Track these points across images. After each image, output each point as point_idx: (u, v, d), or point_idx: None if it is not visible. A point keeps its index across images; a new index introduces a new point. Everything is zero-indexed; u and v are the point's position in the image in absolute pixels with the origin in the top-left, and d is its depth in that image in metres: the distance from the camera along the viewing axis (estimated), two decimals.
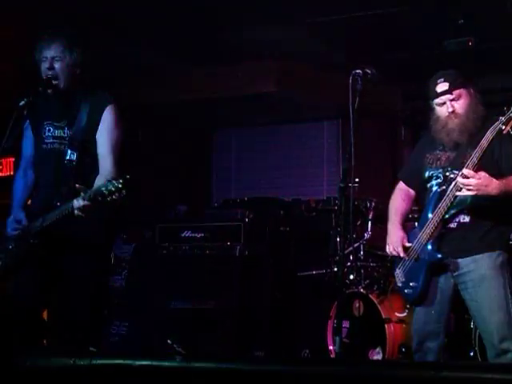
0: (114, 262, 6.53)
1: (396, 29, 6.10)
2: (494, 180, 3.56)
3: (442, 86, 3.78)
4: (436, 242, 3.76)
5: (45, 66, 3.77)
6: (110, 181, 3.45)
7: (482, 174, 3.55)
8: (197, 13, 5.83)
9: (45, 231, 3.73)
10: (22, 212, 3.85)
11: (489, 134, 3.58)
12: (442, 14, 5.75)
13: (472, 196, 3.62)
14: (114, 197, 3.43)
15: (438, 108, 3.82)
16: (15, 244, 3.81)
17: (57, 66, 3.76)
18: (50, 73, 3.75)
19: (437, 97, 3.80)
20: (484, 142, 3.58)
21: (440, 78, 3.80)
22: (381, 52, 6.54)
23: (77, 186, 3.54)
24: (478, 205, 3.68)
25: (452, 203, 3.69)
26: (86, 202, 3.49)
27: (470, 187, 3.55)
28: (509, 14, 5.62)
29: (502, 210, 3.77)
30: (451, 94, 3.77)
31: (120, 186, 3.42)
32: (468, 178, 3.54)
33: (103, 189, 3.44)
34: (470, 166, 3.58)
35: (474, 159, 3.59)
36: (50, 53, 3.75)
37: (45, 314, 6.06)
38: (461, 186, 3.58)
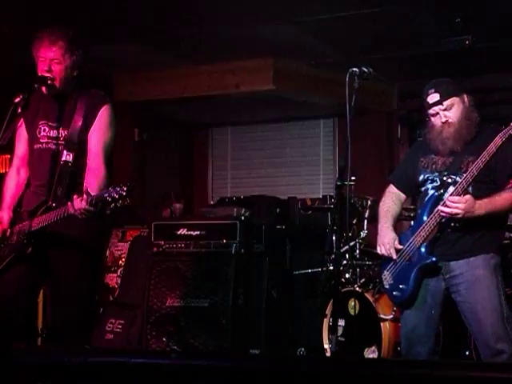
0: (109, 259, 6.54)
1: (393, 28, 6.10)
2: (479, 202, 3.58)
3: (432, 97, 3.76)
4: (430, 245, 3.75)
5: (42, 66, 3.74)
6: (113, 187, 3.43)
7: (468, 197, 3.57)
8: (195, 10, 5.82)
9: (39, 231, 3.71)
10: (8, 213, 3.83)
11: (498, 140, 3.55)
12: (439, 12, 5.75)
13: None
14: (117, 204, 3.42)
15: (431, 117, 3.82)
16: (7, 242, 3.79)
17: (55, 68, 3.73)
18: (47, 75, 3.73)
19: (429, 108, 3.79)
20: (493, 147, 3.56)
21: (431, 88, 3.78)
22: (378, 50, 6.54)
23: (86, 188, 3.51)
24: None
25: None
26: (87, 207, 3.47)
27: (457, 211, 3.57)
28: (506, 13, 5.62)
29: (496, 215, 3.77)
30: (442, 104, 3.76)
31: (124, 193, 3.39)
32: (454, 203, 3.56)
33: (106, 195, 3.42)
34: (474, 170, 3.57)
35: (480, 164, 3.58)
36: (49, 54, 3.72)
37: (39, 316, 6.11)
38: (447, 214, 3.60)
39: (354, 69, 3.77)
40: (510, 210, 3.78)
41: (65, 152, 3.77)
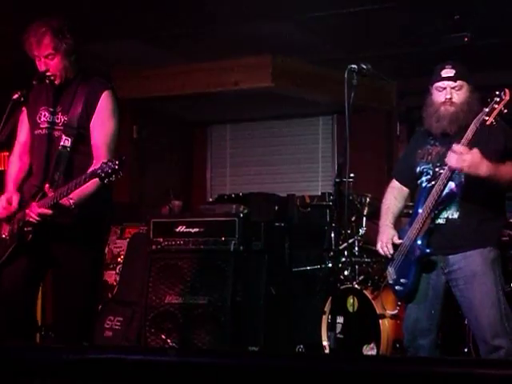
0: (108, 257, 6.54)
1: (392, 24, 6.09)
2: (486, 161, 3.54)
3: (448, 72, 3.77)
4: (425, 237, 3.75)
5: (40, 65, 3.75)
6: (105, 163, 3.43)
7: (475, 150, 3.53)
8: (194, 7, 5.81)
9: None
10: (17, 194, 3.83)
11: (473, 126, 3.57)
12: (438, 9, 5.74)
13: (460, 191, 3.61)
14: (111, 179, 3.43)
15: (435, 93, 3.80)
16: (8, 232, 3.79)
17: (51, 63, 3.73)
18: (48, 73, 3.74)
19: (440, 80, 3.78)
20: (469, 134, 3.58)
21: (448, 64, 3.80)
22: (377, 47, 6.54)
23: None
24: (466, 200, 3.68)
25: (439, 196, 3.68)
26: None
27: (463, 160, 3.52)
28: (505, 9, 5.62)
29: (491, 205, 3.77)
30: (455, 81, 3.76)
31: (116, 167, 3.41)
32: (461, 152, 3.54)
33: (99, 171, 3.43)
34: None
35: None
36: (41, 53, 3.72)
37: (38, 314, 6.11)
38: (453, 160, 3.55)
39: (353, 66, 3.77)
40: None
41: (63, 137, 3.76)
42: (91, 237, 3.82)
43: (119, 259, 6.59)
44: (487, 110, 3.54)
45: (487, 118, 3.53)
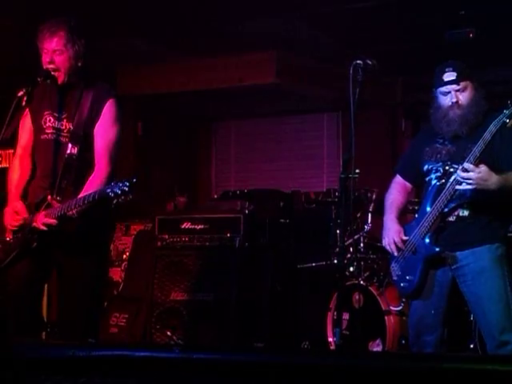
0: (113, 254, 6.54)
1: (397, 20, 6.08)
2: (494, 175, 3.54)
3: (449, 75, 3.74)
4: (434, 235, 3.75)
5: (46, 58, 3.73)
6: (116, 183, 3.43)
7: (483, 167, 3.52)
8: (198, 4, 5.81)
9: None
10: (20, 202, 3.81)
11: (492, 128, 3.55)
12: (443, 4, 5.72)
13: (471, 190, 3.60)
14: (119, 200, 3.42)
15: (441, 97, 3.78)
16: (13, 236, 3.79)
17: (58, 59, 3.72)
18: (51, 66, 3.72)
19: (443, 85, 3.76)
20: (487, 135, 3.55)
21: (448, 66, 3.76)
22: (381, 43, 6.52)
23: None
24: (477, 199, 3.66)
25: (452, 197, 3.67)
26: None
27: (470, 181, 3.53)
28: (509, 5, 5.60)
29: (501, 203, 3.75)
30: (458, 84, 3.73)
31: (127, 189, 3.40)
32: (468, 171, 3.53)
33: (109, 191, 3.42)
34: (471, 159, 3.56)
35: (476, 152, 3.56)
36: (51, 46, 3.71)
37: (43, 310, 6.12)
38: (460, 179, 3.56)
39: (358, 61, 3.75)
40: None
41: (70, 145, 3.75)
42: (95, 243, 3.81)
43: (124, 256, 6.60)
44: (508, 112, 3.52)
45: (507, 121, 3.52)
